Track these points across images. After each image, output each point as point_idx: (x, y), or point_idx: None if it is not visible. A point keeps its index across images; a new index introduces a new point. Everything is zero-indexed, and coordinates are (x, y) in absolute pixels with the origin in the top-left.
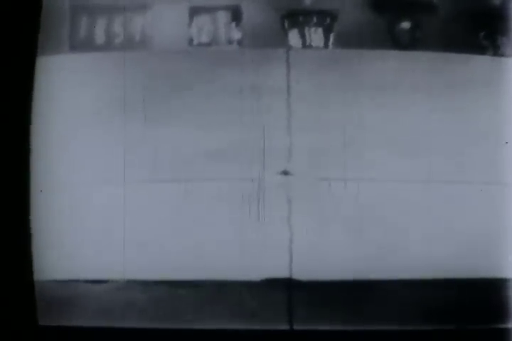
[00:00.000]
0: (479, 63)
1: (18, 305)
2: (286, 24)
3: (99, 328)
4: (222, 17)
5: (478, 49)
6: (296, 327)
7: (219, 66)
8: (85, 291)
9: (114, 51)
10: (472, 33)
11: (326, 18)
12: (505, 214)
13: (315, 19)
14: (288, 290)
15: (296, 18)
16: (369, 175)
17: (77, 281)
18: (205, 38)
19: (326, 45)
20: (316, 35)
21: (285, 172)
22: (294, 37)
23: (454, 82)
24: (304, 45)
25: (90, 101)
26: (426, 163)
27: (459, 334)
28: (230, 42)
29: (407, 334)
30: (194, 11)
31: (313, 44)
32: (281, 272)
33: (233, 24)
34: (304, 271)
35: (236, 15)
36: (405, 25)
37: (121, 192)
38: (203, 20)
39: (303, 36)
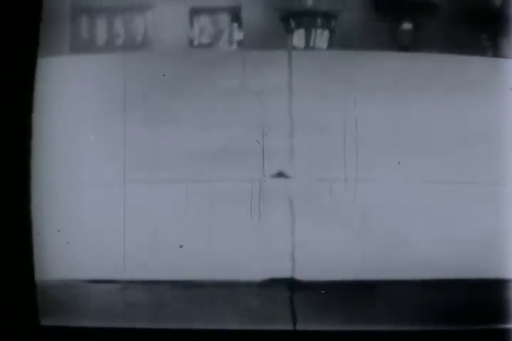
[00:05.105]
0: (480, 64)
1: (20, 305)
2: (287, 25)
3: (99, 328)
4: (224, 18)
5: (479, 50)
6: (299, 327)
7: (220, 67)
8: (85, 291)
9: (115, 52)
10: (473, 34)
11: (326, 19)
12: (507, 214)
13: (316, 20)
14: (290, 291)
15: (297, 18)
16: (370, 175)
17: (77, 281)
18: (206, 39)
19: (327, 46)
20: (317, 36)
21: (280, 174)
22: (295, 38)
23: (455, 82)
24: (306, 46)
25: (91, 102)
26: (426, 163)
27: (459, 335)
28: (231, 43)
29: (408, 334)
30: (195, 12)
31: (315, 45)
32: (283, 272)
33: (235, 25)
34: (306, 271)
35: (237, 16)
36: (407, 26)
37: (121, 192)
38: (204, 21)
39: (304, 37)
